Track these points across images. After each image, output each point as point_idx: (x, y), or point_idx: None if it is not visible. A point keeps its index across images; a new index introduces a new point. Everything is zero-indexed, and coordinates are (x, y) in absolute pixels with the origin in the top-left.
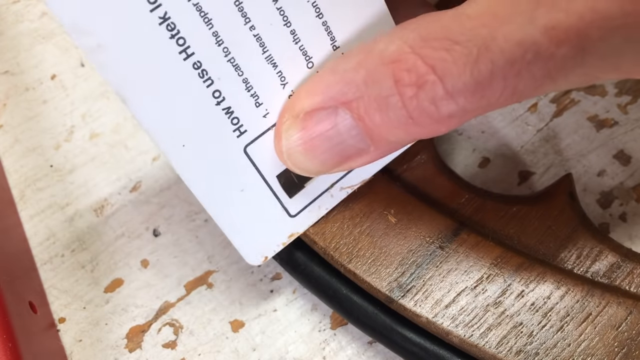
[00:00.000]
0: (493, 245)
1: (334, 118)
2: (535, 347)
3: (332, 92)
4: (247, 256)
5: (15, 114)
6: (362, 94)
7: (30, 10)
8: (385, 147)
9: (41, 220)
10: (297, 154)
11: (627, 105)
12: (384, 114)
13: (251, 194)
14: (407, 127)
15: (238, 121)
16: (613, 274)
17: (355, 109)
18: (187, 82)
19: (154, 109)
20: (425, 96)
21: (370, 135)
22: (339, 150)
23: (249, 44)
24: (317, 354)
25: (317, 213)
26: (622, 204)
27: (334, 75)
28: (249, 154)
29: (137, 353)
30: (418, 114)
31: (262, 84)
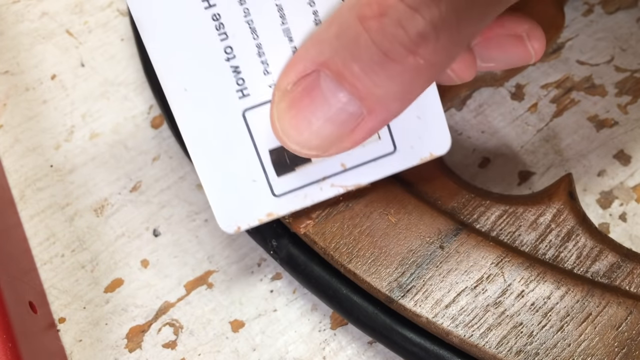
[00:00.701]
0: (493, 245)
1: (317, 82)
2: (535, 347)
3: (310, 57)
4: (221, 220)
5: (15, 114)
6: (336, 48)
7: (30, 10)
8: (379, 108)
9: (41, 220)
10: (290, 128)
11: (627, 105)
12: (359, 59)
13: (240, 159)
14: (386, 67)
15: (243, 82)
16: (613, 274)
17: (334, 67)
18: (203, 30)
19: (166, 46)
20: (390, 21)
21: (357, 93)
22: (331, 117)
23: (269, 12)
24: (317, 354)
25: (302, 202)
26: (622, 204)
27: (311, 40)
28: (247, 118)
29: (137, 353)
30: (389, 44)
31: (274, 54)
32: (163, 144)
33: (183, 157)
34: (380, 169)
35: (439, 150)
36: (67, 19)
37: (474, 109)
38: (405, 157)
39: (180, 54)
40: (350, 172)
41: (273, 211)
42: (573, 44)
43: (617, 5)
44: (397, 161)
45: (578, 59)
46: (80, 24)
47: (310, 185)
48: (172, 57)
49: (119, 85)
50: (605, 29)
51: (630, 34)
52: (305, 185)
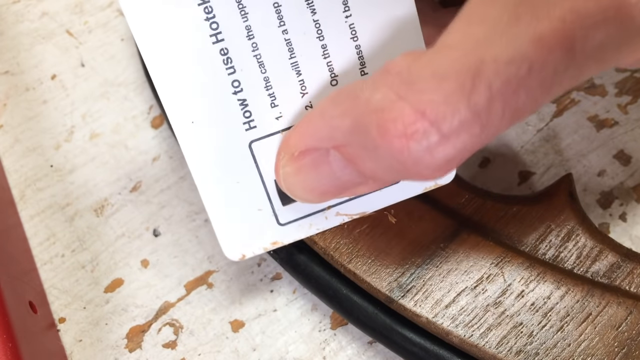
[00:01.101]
0: (493, 245)
1: (326, 159)
2: (535, 347)
3: (320, 135)
4: (226, 248)
5: (15, 114)
6: (350, 142)
7: (30, 10)
8: (382, 182)
9: (41, 220)
10: (295, 189)
11: (627, 105)
12: (374, 162)
13: (245, 189)
14: (403, 175)
15: (250, 115)
16: (613, 274)
17: (346, 154)
18: (211, 64)
19: (173, 78)
20: (418, 146)
21: (365, 174)
22: (335, 184)
23: (278, 46)
24: (317, 354)
25: (307, 230)
26: (622, 204)
27: (322, 119)
28: (253, 150)
29: (137, 353)
30: (411, 164)
31: (281, 87)
32: (163, 144)
33: (183, 157)
34: (384, 197)
35: (444, 179)
36: (67, 19)
37: None
38: (410, 186)
39: (187, 87)
40: (355, 200)
41: (278, 240)
42: None
43: None
44: (402, 190)
45: None
46: (80, 24)
47: (316, 214)
48: (179, 89)
49: (119, 85)
50: None
51: None
52: (310, 214)
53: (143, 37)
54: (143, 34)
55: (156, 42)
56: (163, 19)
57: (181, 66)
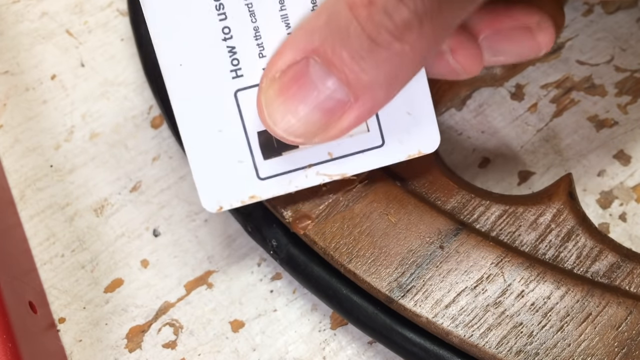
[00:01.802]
0: (493, 245)
1: (306, 69)
2: (535, 347)
3: (300, 44)
4: (204, 198)
5: (15, 114)
6: (326, 35)
7: (30, 10)
8: (366, 95)
9: (41, 220)
10: (277, 114)
11: (627, 105)
12: (348, 46)
13: (228, 138)
14: (373, 53)
15: (238, 63)
16: (613, 274)
17: (323, 53)
18: (203, 8)
19: (165, 21)
20: (377, 10)
21: (345, 80)
22: (318, 104)
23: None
24: (317, 354)
25: (286, 187)
26: (622, 204)
27: (301, 29)
28: (239, 99)
29: (137, 353)
30: (376, 32)
31: (270, 38)
32: (163, 144)
33: (183, 157)
34: (367, 161)
35: (427, 147)
36: (67, 19)
37: (474, 109)
38: (393, 151)
39: (179, 29)
40: (336, 161)
41: (256, 194)
42: (573, 44)
43: (617, 5)
44: (385, 155)
45: (578, 59)
46: (80, 24)
47: (296, 171)
48: (170, 32)
49: (119, 85)
50: (605, 29)
51: (630, 34)
52: (290, 170)
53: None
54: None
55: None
56: None
57: (173, 8)
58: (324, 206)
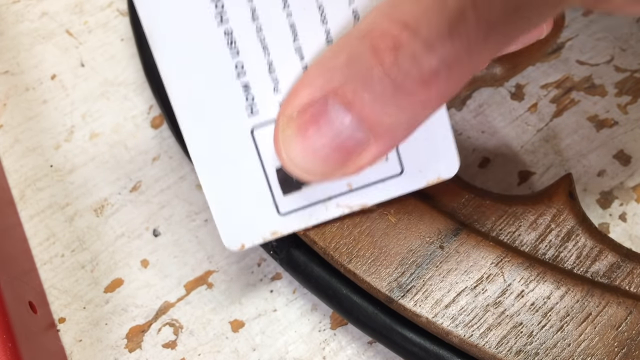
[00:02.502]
0: (493, 245)
1: (325, 109)
2: (535, 347)
3: (318, 83)
4: (225, 238)
5: (15, 114)
6: (346, 77)
7: (30, 10)
8: (386, 135)
9: (41, 220)
10: (296, 155)
11: (627, 105)
12: (371, 90)
13: (246, 177)
14: (397, 99)
15: (253, 99)
16: (613, 274)
17: (343, 95)
18: (215, 45)
19: (177, 60)
20: (404, 56)
21: (366, 120)
22: (337, 144)
23: (282, 30)
24: (317, 354)
25: (307, 221)
26: (622, 204)
27: (318, 67)
28: (255, 136)
29: (137, 353)
30: (402, 78)
31: (285, 72)
32: (163, 144)
33: (183, 157)
34: (386, 190)
35: (446, 173)
36: (67, 19)
37: (474, 109)
38: (413, 179)
39: (190, 69)
40: (356, 192)
41: (278, 230)
42: (573, 44)
43: None
44: (404, 183)
45: (578, 59)
46: (80, 24)
47: (316, 204)
48: (182, 71)
49: (119, 85)
50: (605, 29)
51: (630, 34)
52: (310, 204)
53: (148, 15)
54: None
55: (160, 23)
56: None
57: (184, 47)
58: None
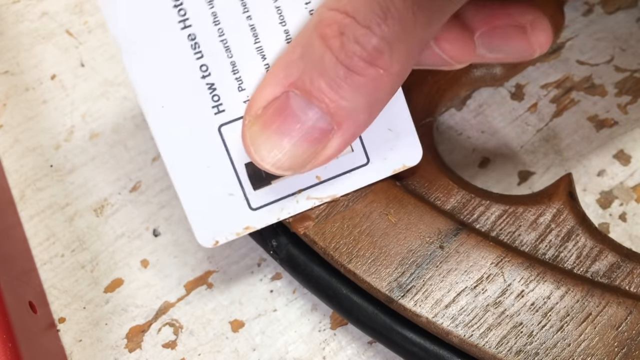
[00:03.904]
0: (493, 245)
1: (287, 103)
2: (535, 347)
3: (279, 79)
4: (199, 235)
5: (15, 114)
6: (303, 68)
7: (30, 10)
8: (347, 120)
9: (41, 220)
10: (264, 150)
11: (627, 105)
12: (326, 75)
13: (216, 173)
14: (350, 81)
15: (219, 99)
16: (613, 274)
17: (302, 86)
18: (179, 49)
19: (144, 65)
20: (348, 40)
21: (326, 109)
22: (302, 136)
23: (243, 31)
24: (317, 354)
25: (278, 215)
26: (622, 204)
27: (278, 64)
28: (223, 133)
29: (137, 353)
30: (350, 60)
31: (248, 71)
32: None
33: None
34: (354, 180)
35: (411, 161)
36: (67, 19)
37: (474, 109)
38: (379, 168)
39: (157, 72)
40: (325, 184)
41: (250, 224)
42: (573, 44)
43: (617, 5)
44: (371, 172)
45: (578, 59)
46: (80, 24)
47: (287, 197)
48: (149, 75)
49: (119, 85)
50: (605, 29)
51: (630, 34)
52: (281, 198)
53: (115, 22)
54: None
55: (127, 27)
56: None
57: (150, 51)
58: (324, 206)
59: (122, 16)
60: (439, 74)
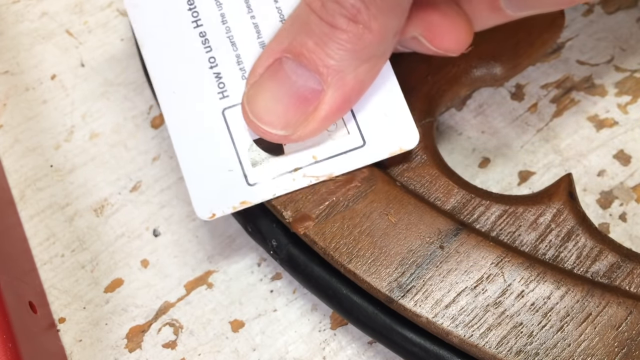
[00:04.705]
0: (493, 245)
1: (280, 66)
2: (535, 347)
3: (271, 49)
4: (197, 207)
5: (15, 114)
6: (293, 34)
7: (30, 10)
8: (336, 79)
9: (41, 220)
10: (259, 109)
11: (627, 105)
12: (312, 34)
13: (218, 151)
14: (334, 37)
15: (224, 86)
16: (613, 274)
17: (293, 49)
18: (192, 44)
19: (160, 58)
20: (328, 1)
21: (315, 67)
22: (294, 93)
23: (247, 29)
24: (317, 354)
25: (274, 190)
26: (622, 204)
27: (273, 39)
28: (226, 116)
29: (137, 353)
30: (331, 17)
31: (251, 62)
32: (163, 144)
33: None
34: (351, 161)
35: (407, 144)
36: (67, 19)
37: (474, 109)
38: (375, 150)
39: (171, 62)
40: (321, 163)
41: (247, 199)
42: (573, 44)
43: (617, 5)
44: (367, 154)
45: (578, 59)
46: (80, 24)
47: (283, 175)
48: (164, 65)
49: (118, 85)
50: (605, 29)
51: (630, 34)
52: (278, 175)
53: (139, 21)
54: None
55: (148, 27)
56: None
57: (166, 45)
58: (324, 206)
59: (145, 17)
60: (439, 74)
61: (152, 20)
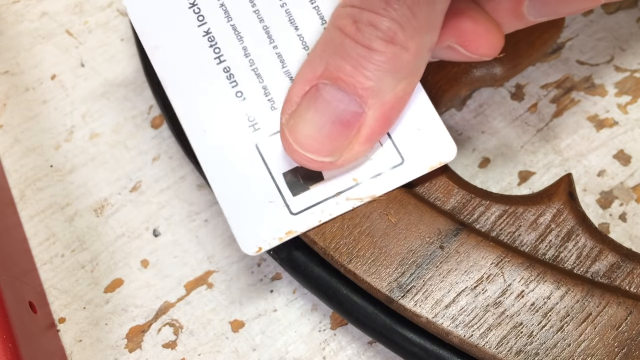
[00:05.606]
0: (493, 245)
1: (318, 93)
2: (535, 347)
3: (305, 77)
4: (243, 244)
5: (15, 114)
6: (326, 60)
7: (30, 10)
8: (375, 100)
9: (41, 220)
10: (303, 137)
11: (627, 105)
12: (348, 58)
13: (257, 185)
14: (372, 59)
15: (254, 119)
16: (613, 274)
17: (329, 75)
18: (217, 81)
19: (186, 98)
20: (363, 25)
21: (354, 91)
22: (336, 119)
23: (271, 59)
24: (317, 354)
25: (320, 217)
26: (622, 204)
27: (302, 66)
28: (260, 148)
29: (137, 353)
30: (368, 40)
31: (278, 92)
32: (163, 144)
33: (183, 157)
34: (391, 180)
35: (446, 157)
36: (67, 19)
37: (474, 109)
38: (414, 166)
39: (198, 100)
40: (363, 185)
41: (292, 229)
42: (573, 44)
43: (617, 5)
44: (407, 171)
45: (578, 59)
46: (80, 24)
47: (327, 200)
48: (192, 106)
49: (119, 85)
50: (605, 29)
51: (630, 34)
52: (321, 201)
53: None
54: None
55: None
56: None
57: (192, 83)
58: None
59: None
60: (439, 74)
61: (175, 61)
